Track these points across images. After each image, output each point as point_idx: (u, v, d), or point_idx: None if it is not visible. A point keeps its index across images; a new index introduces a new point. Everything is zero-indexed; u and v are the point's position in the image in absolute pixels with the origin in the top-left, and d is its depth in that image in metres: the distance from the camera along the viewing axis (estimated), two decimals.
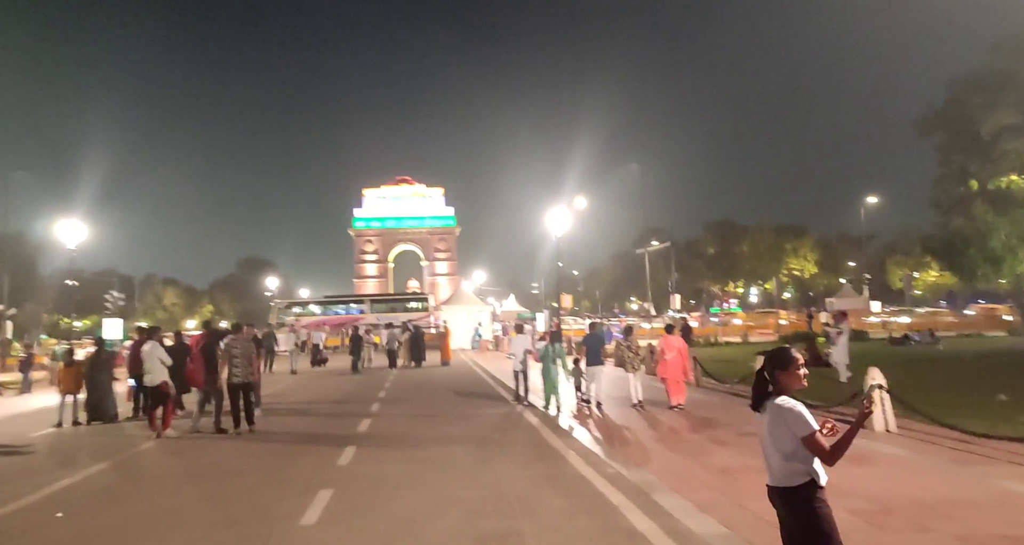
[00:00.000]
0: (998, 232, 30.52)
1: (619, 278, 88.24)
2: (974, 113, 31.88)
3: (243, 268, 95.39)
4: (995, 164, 32.00)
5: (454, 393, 15.18)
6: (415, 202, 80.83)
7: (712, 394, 13.26)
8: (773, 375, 3.09)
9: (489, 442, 8.86)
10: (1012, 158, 30.98)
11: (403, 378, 19.51)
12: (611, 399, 12.62)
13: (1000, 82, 30.11)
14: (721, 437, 8.59)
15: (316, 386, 17.93)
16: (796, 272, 69.13)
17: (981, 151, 32.46)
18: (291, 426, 10.77)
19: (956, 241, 33.91)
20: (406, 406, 13.11)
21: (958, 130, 33.83)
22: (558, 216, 29.98)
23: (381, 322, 36.57)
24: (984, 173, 32.79)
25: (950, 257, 35.89)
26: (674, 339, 11.91)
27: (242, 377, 9.70)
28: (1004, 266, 31.59)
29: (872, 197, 51.50)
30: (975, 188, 33.19)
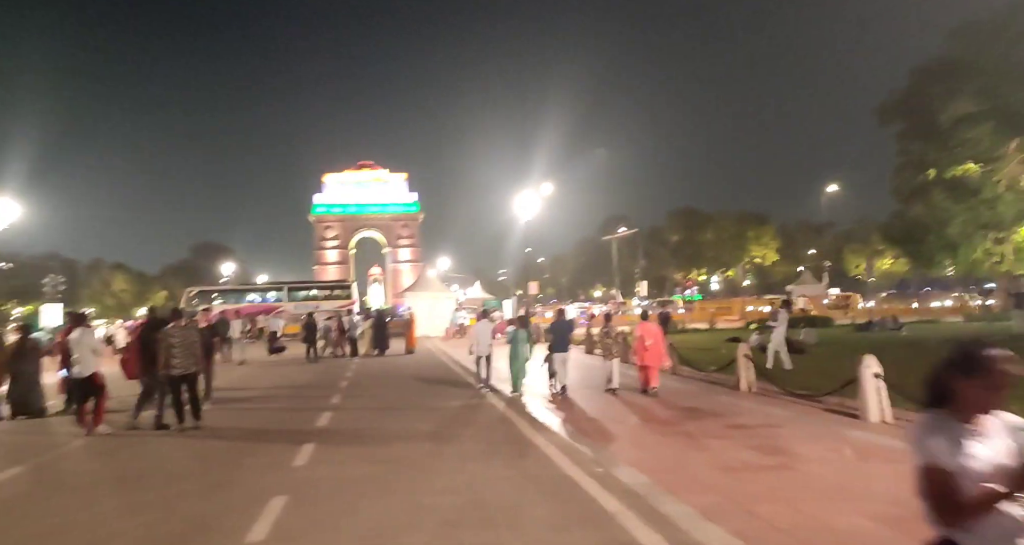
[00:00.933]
0: (956, 220, 31.04)
1: (583, 265, 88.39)
2: (933, 101, 32.22)
3: (197, 253, 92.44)
4: (953, 153, 32.47)
5: (421, 383, 14.41)
6: (377, 188, 79.20)
7: (690, 382, 12.78)
8: (952, 384, 2.05)
9: (462, 438, 8.14)
10: (970, 146, 31.43)
11: (366, 367, 18.62)
12: (588, 388, 12.11)
13: (958, 70, 30.42)
14: (710, 429, 8.04)
15: (272, 376, 16.90)
16: (758, 260, 70.09)
17: (939, 139, 32.88)
18: (242, 421, 9.85)
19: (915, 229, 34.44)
20: (370, 398, 12.28)
21: (917, 118, 34.19)
22: (526, 201, 29.33)
23: (299, 311, 35.56)
24: (942, 161, 33.22)
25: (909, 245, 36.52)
26: (651, 325, 11.72)
27: (182, 368, 8.75)
28: (960, 253, 32.21)
29: (832, 185, 52.18)
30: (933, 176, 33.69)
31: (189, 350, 8.86)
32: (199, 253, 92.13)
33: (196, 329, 9.70)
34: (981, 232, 31.11)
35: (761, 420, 8.47)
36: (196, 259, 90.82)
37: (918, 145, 34.84)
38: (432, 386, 13.78)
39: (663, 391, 11.37)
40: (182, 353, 8.79)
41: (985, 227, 30.94)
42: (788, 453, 6.56)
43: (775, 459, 6.36)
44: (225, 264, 67.53)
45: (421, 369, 17.68)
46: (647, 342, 11.19)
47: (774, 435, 7.49)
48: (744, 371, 11.25)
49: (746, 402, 10.02)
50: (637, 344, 11.41)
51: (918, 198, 34.40)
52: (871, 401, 7.86)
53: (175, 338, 8.79)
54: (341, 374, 16.51)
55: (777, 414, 8.81)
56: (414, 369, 17.72)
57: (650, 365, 11.18)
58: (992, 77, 28.94)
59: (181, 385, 8.80)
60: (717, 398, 10.55)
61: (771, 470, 5.95)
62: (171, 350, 8.72)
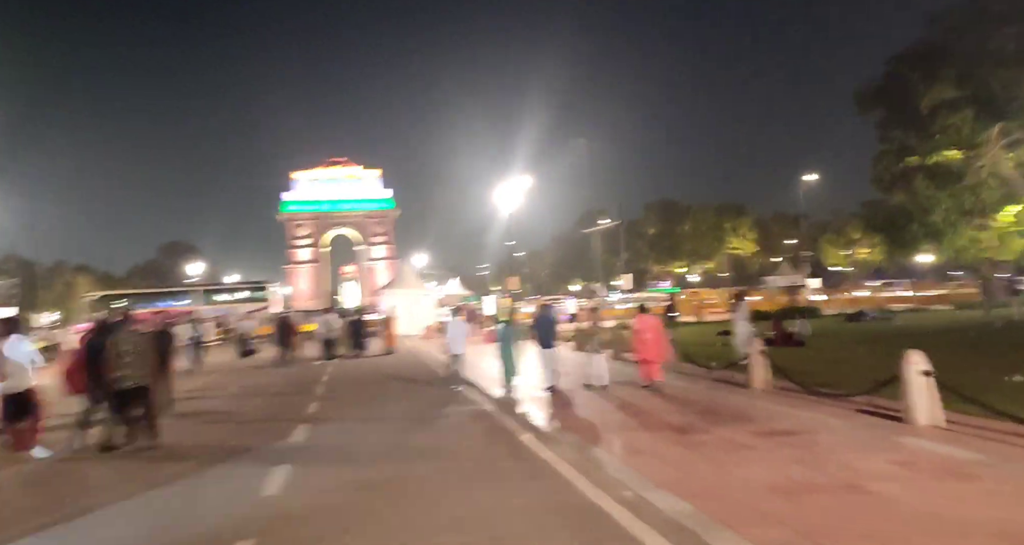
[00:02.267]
0: (939, 207, 30.85)
1: (560, 259, 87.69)
2: (913, 88, 31.99)
3: (164, 254, 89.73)
4: (934, 139, 32.31)
5: (405, 387, 13.35)
6: (350, 184, 77.46)
7: (696, 381, 11.90)
8: None
9: (460, 454, 7.12)
10: (950, 133, 31.27)
11: (343, 370, 17.46)
12: (583, 386, 11.26)
13: (938, 56, 30.18)
14: (739, 437, 7.13)
15: (242, 383, 15.66)
16: (736, 251, 70.03)
17: (920, 126, 32.71)
18: (205, 437, 8.70)
19: (898, 216, 34.20)
20: (350, 406, 11.18)
21: (897, 105, 33.97)
22: (507, 193, 28.31)
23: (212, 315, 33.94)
24: (923, 148, 33.06)
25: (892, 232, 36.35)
26: (650, 318, 11.48)
27: (135, 380, 7.60)
28: (944, 241, 32.05)
29: (810, 175, 52.02)
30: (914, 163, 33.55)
31: (142, 359, 7.70)
32: (167, 253, 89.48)
33: (153, 335, 8.55)
34: (965, 219, 31.00)
35: (792, 425, 7.59)
36: (164, 260, 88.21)
37: (898, 132, 34.66)
38: (417, 390, 12.74)
39: (672, 391, 10.50)
40: (134, 363, 7.63)
41: (969, 214, 30.82)
42: (844, 468, 5.67)
43: (833, 476, 5.45)
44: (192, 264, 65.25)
45: (403, 371, 16.62)
46: (647, 336, 10.88)
47: (815, 444, 6.61)
48: (758, 368, 10.41)
49: (765, 403, 9.16)
50: (636, 338, 11.08)
51: (900, 185, 34.19)
52: (918, 402, 7.02)
53: (126, 345, 7.62)
54: (317, 379, 15.35)
55: (807, 417, 7.95)
56: (395, 371, 16.65)
57: (651, 359, 10.88)
58: (972, 62, 28.70)
59: (133, 399, 7.64)
60: (732, 398, 9.68)
61: (836, 492, 5.04)
62: (121, 359, 7.55)
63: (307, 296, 73.49)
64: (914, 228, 33.30)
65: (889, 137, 35.63)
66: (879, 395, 8.18)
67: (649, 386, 10.70)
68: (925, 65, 31.47)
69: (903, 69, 33.05)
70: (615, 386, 11.41)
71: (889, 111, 35.43)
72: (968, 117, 29.65)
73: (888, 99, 34.86)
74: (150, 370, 7.83)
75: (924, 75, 31.35)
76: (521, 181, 29.11)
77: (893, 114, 35.13)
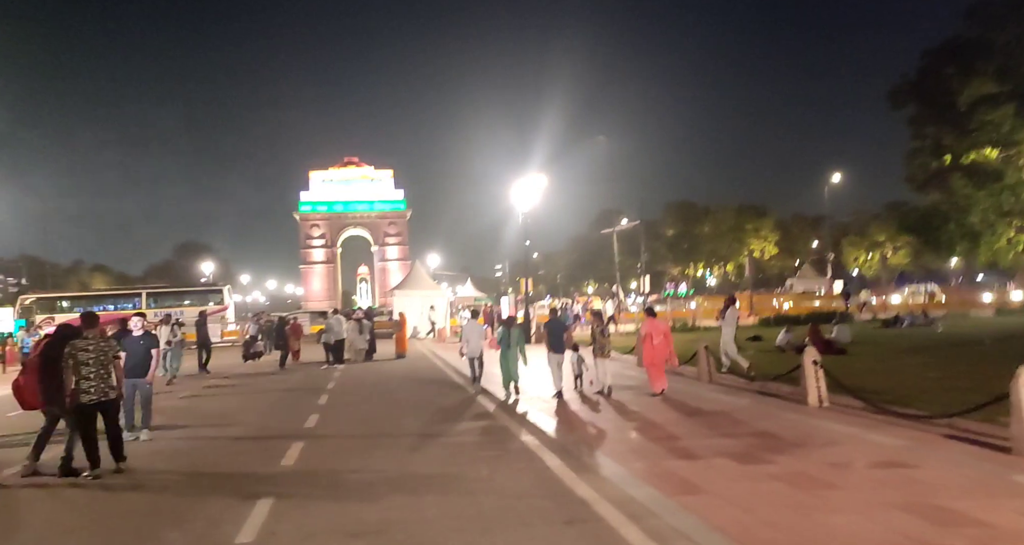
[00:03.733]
0: (976, 207, 29.31)
1: (575, 261, 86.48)
2: (949, 83, 30.54)
3: (180, 254, 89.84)
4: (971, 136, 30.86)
5: (415, 397, 12.22)
6: (363, 185, 76.99)
7: (739, 394, 10.61)
8: None
9: (478, 486, 5.96)
10: (989, 130, 29.81)
11: (350, 376, 16.37)
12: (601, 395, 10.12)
13: (976, 49, 28.75)
14: (810, 468, 5.90)
15: (238, 390, 14.57)
16: (756, 253, 68.37)
17: (956, 123, 31.26)
18: (180, 460, 7.56)
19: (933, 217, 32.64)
20: (354, 419, 10.04)
21: (932, 101, 32.55)
22: (525, 190, 27.15)
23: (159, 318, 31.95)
24: (960, 146, 31.60)
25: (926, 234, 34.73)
26: (659, 322, 11.29)
27: (98, 393, 6.52)
28: (982, 242, 30.46)
29: (836, 175, 50.37)
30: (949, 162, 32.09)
31: (104, 368, 6.62)
32: (182, 253, 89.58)
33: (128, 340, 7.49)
34: (1005, 220, 29.49)
35: (875, 454, 6.34)
36: (179, 259, 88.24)
37: (933, 129, 33.20)
38: (429, 400, 11.61)
39: (716, 406, 9.31)
40: (98, 373, 6.56)
41: (1008, 215, 29.33)
42: (968, 521, 4.43)
43: (959, 534, 4.23)
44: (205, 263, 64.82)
45: (414, 378, 15.50)
46: (654, 340, 10.58)
47: (915, 482, 5.37)
48: (813, 381, 9.16)
49: (829, 423, 7.91)
50: (644, 342, 10.79)
51: (934, 185, 32.73)
52: None
53: (88, 353, 6.55)
54: (320, 386, 14.25)
55: (887, 445, 6.69)
56: (405, 378, 15.54)
57: (658, 364, 10.60)
58: (1013, 56, 27.21)
59: (94, 416, 6.56)
60: (787, 417, 8.44)
61: None
62: (82, 369, 6.48)
63: (321, 297, 72.98)
64: (950, 229, 31.67)
65: (923, 134, 34.05)
66: (970, 417, 6.93)
67: (659, 394, 10.32)
68: (963, 59, 29.94)
69: (939, 63, 31.49)
70: (639, 397, 10.41)
71: (923, 107, 33.86)
72: (1008, 113, 28.08)
73: (923, 94, 33.29)
74: (118, 382, 6.75)
75: (961, 69, 29.81)
76: (537, 180, 27.97)
77: (927, 110, 33.56)
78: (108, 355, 6.67)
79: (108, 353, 6.68)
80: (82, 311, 6.88)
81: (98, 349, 6.62)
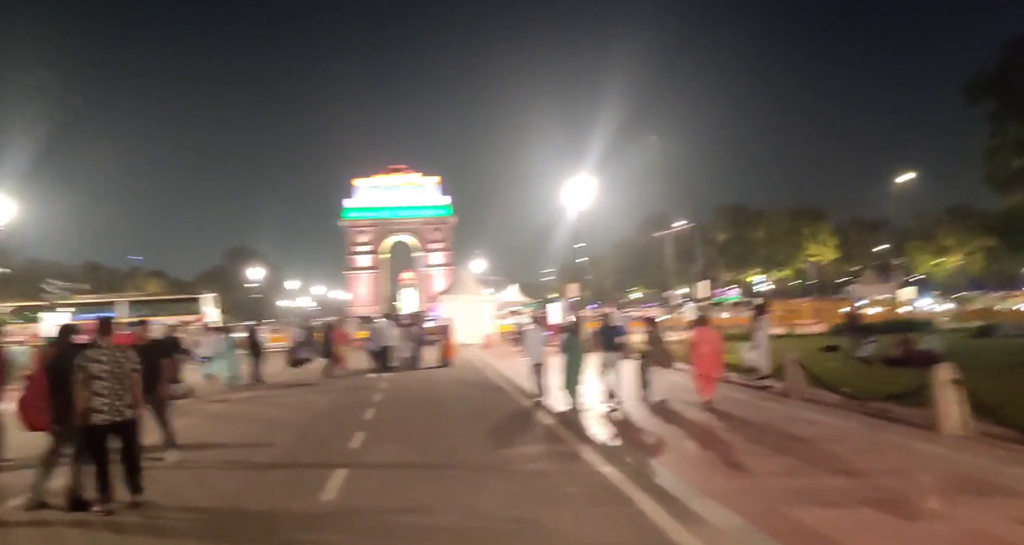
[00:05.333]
0: None
1: (620, 266, 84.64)
2: None
3: (230, 259, 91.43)
4: None
5: (469, 412, 11.08)
6: (409, 191, 76.96)
7: (844, 415, 9.07)
8: None
9: (560, 540, 4.75)
10: None
11: (398, 387, 15.34)
12: (676, 408, 8.90)
13: None
14: (1002, 530, 4.49)
15: (276, 402, 13.61)
16: (813, 258, 65.35)
17: None
18: (208, 491, 6.52)
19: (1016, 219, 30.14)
20: (403, 440, 8.91)
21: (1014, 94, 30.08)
22: (576, 192, 25.90)
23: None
24: None
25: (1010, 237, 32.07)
26: (709, 331, 10.99)
27: (112, 413, 5.57)
28: None
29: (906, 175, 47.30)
30: None
31: (122, 384, 5.67)
32: (231, 259, 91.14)
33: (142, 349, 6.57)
34: None
35: None
36: (229, 265, 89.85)
37: (1015, 125, 30.70)
38: (483, 415, 10.50)
39: (821, 431, 7.90)
40: (112, 389, 5.61)
41: None
42: None
43: None
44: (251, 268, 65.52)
45: (466, 389, 14.39)
46: (704, 349, 10.36)
47: None
48: (953, 404, 7.62)
49: (988, 461, 6.36)
50: (693, 351, 10.58)
51: (1018, 184, 30.25)
52: None
53: (101, 365, 5.62)
54: (367, 398, 13.25)
55: None
56: (458, 389, 14.44)
57: (709, 374, 10.32)
58: None
59: (106, 439, 5.61)
60: (921, 449, 6.95)
61: None
62: (94, 384, 5.55)
63: (366, 302, 73.10)
64: None
65: (1004, 130, 31.49)
66: None
67: (707, 404, 10.09)
68: None
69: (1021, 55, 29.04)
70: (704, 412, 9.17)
71: (1004, 102, 31.31)
72: None
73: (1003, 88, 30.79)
74: (135, 399, 5.80)
75: None
76: (588, 180, 26.71)
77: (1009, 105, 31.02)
78: (125, 368, 5.72)
79: (125, 366, 5.73)
80: (101, 320, 5.91)
81: (113, 361, 5.68)
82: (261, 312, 24.81)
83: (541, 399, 11.61)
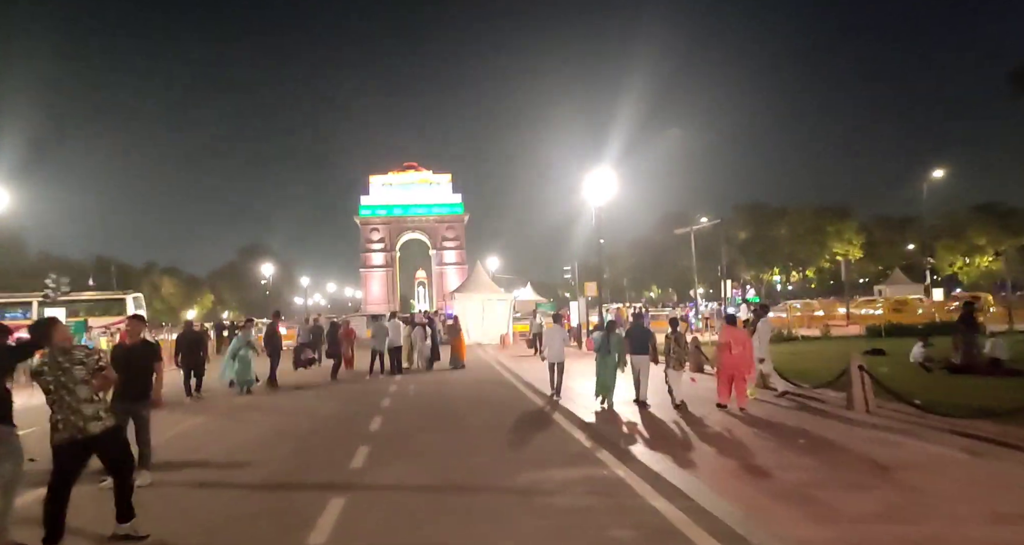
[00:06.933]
0: None
1: (636, 265, 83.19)
2: None
3: (243, 256, 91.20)
4: None
5: (486, 422, 9.91)
6: (422, 189, 76.19)
7: (924, 435, 7.83)
8: None
9: None
10: None
11: (408, 391, 14.21)
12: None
13: None
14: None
15: (277, 408, 12.51)
16: (839, 257, 63.49)
17: None
18: (176, 524, 5.39)
19: None
20: (413, 458, 7.74)
21: None
22: (597, 184, 24.66)
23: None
24: None
25: None
26: (738, 332, 10.39)
27: (69, 430, 4.51)
28: None
29: (938, 171, 45.52)
30: None
31: (74, 395, 4.57)
32: (245, 256, 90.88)
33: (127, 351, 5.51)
34: None
35: None
36: (242, 262, 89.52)
37: None
38: (502, 425, 9.35)
39: (916, 456, 6.64)
40: (62, 401, 4.53)
41: None
42: None
43: None
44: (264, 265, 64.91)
45: (481, 394, 13.25)
46: (735, 350, 9.84)
47: None
48: None
49: None
50: (721, 352, 10.04)
51: None
52: None
53: (43, 377, 4.53)
54: (374, 403, 12.13)
55: None
56: (471, 394, 13.30)
57: (738, 377, 9.81)
58: None
59: (74, 461, 4.54)
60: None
61: None
62: (52, 390, 4.49)
63: (380, 300, 72.35)
64: None
65: None
66: None
67: (742, 410, 9.60)
68: None
69: None
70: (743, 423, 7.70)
71: None
72: None
73: None
74: (108, 409, 4.69)
75: None
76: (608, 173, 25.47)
77: None
78: (75, 374, 4.60)
79: (74, 372, 4.61)
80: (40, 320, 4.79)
81: (56, 368, 4.58)
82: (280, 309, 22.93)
83: (558, 399, 11.37)
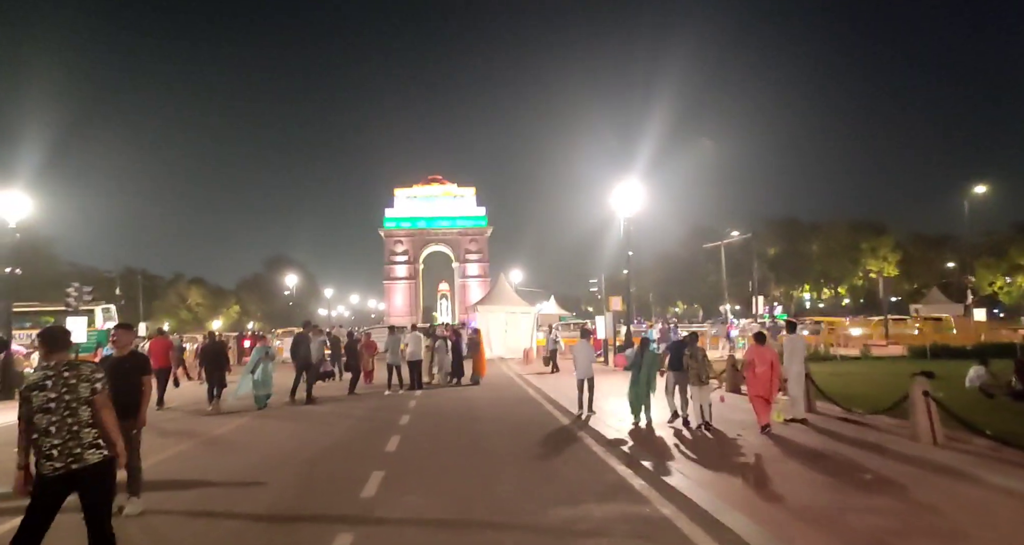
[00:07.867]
0: None
1: (662, 279, 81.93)
2: None
3: (269, 268, 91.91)
4: None
5: (512, 446, 9.13)
6: (446, 202, 76.28)
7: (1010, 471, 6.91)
8: None
9: None
10: None
11: (428, 409, 13.48)
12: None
13: None
14: None
15: (286, 425, 11.75)
16: (872, 274, 61.62)
17: None
18: None
19: None
20: (431, 485, 7.01)
21: None
22: (626, 194, 23.93)
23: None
24: None
25: None
26: (765, 350, 9.98)
27: (64, 458, 3.86)
28: None
29: (980, 187, 43.85)
30: None
31: (77, 416, 3.92)
32: (271, 267, 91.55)
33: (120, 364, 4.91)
34: None
35: None
36: (268, 273, 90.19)
37: None
38: (529, 450, 8.59)
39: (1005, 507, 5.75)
40: (63, 424, 3.89)
41: None
42: None
43: None
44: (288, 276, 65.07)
45: (504, 413, 12.49)
46: (760, 369, 9.59)
47: None
48: None
49: None
50: (747, 371, 9.86)
51: None
52: None
53: (45, 393, 3.91)
54: (392, 422, 11.44)
55: None
56: (494, 412, 12.55)
57: (759, 395, 9.58)
58: None
59: (59, 496, 3.88)
60: None
61: None
62: (40, 420, 3.87)
63: (403, 312, 72.19)
64: None
65: None
66: None
67: (765, 430, 9.33)
68: None
69: None
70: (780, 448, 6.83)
71: None
72: None
73: None
74: (104, 435, 4.03)
75: None
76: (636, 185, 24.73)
77: None
78: (78, 394, 3.96)
79: (79, 390, 3.97)
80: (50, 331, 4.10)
81: (61, 385, 3.95)
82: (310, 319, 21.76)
83: (591, 415, 11.14)
